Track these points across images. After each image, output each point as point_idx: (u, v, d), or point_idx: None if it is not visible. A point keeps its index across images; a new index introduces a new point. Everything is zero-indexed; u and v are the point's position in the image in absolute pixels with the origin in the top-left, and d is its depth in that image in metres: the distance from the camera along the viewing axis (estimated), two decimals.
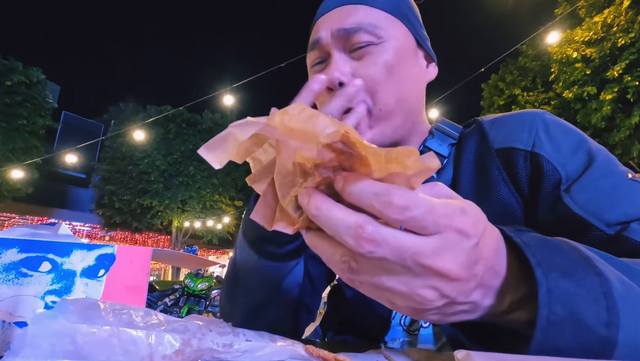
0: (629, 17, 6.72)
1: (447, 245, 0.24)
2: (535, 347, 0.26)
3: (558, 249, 0.29)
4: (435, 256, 0.24)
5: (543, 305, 0.25)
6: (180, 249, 13.66)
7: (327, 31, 0.55)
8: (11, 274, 0.44)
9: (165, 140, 13.66)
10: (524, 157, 0.51)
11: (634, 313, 0.27)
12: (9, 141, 10.41)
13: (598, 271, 0.27)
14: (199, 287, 6.09)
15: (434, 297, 0.25)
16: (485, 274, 0.27)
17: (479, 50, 29.78)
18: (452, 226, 0.24)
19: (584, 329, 0.25)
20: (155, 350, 0.31)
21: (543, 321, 0.25)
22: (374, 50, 0.53)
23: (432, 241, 0.24)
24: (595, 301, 0.26)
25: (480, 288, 0.27)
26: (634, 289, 0.28)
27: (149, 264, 0.52)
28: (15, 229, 0.53)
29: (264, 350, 0.36)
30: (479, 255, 0.26)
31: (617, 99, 6.92)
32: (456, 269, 0.24)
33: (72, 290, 0.46)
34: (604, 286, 0.27)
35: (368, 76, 0.52)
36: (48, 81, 11.95)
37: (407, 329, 0.56)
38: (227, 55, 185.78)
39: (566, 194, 0.46)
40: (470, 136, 0.59)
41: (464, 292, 0.26)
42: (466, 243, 0.24)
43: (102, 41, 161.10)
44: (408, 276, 0.24)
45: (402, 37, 0.56)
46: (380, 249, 0.23)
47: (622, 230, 0.41)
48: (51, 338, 0.29)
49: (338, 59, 0.53)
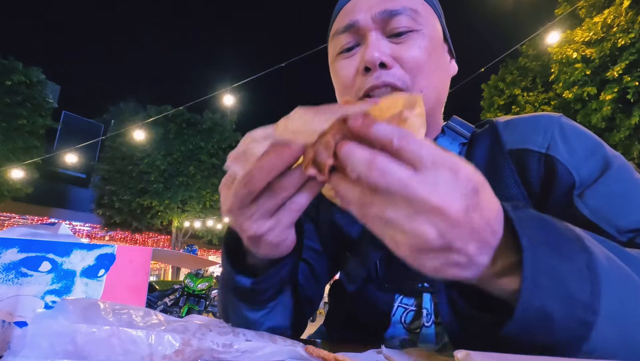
0: (629, 17, 6.72)
1: (446, 182, 0.27)
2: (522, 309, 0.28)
3: (550, 225, 0.31)
4: (435, 192, 0.26)
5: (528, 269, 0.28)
6: (180, 249, 13.66)
7: (366, 13, 0.53)
8: (11, 274, 0.44)
9: (165, 140, 13.65)
10: (538, 159, 0.51)
11: (616, 287, 0.29)
12: (9, 141, 10.41)
13: (585, 248, 0.29)
14: (199, 287, 6.10)
15: (433, 234, 0.27)
16: (481, 226, 0.28)
17: (479, 50, 29.56)
18: (451, 167, 0.27)
19: (566, 292, 0.28)
20: (155, 349, 0.31)
21: (528, 283, 0.27)
22: (414, 36, 0.52)
23: (431, 177, 0.27)
24: (579, 273, 0.28)
25: (475, 239, 0.28)
26: (621, 268, 0.30)
27: (149, 264, 0.52)
28: (15, 229, 0.53)
29: (264, 350, 0.36)
30: (476, 203, 0.28)
31: (617, 100, 6.92)
32: (452, 206, 0.26)
33: (72, 290, 0.46)
34: (588, 261, 0.29)
35: (410, 59, 0.51)
36: (48, 81, 11.94)
37: (407, 327, 0.56)
38: (228, 55, 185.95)
39: (579, 199, 0.45)
40: (483, 136, 0.58)
41: (460, 237, 0.27)
42: (466, 185, 0.27)
43: (103, 41, 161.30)
44: (410, 211, 0.27)
45: (436, 27, 0.56)
46: (385, 178, 0.26)
47: (634, 237, 0.41)
48: (51, 338, 0.29)
49: (376, 39, 0.52)
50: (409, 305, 0.57)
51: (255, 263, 0.46)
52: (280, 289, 0.49)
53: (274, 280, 0.46)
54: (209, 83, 29.93)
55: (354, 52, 0.56)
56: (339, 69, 0.57)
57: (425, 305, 0.55)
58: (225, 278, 0.48)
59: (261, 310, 0.49)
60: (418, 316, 0.56)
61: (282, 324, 0.52)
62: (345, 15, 0.56)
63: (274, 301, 0.49)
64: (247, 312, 0.48)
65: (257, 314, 0.49)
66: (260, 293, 0.46)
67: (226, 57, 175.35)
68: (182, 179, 13.57)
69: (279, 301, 0.50)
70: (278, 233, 0.38)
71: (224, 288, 0.50)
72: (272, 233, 0.37)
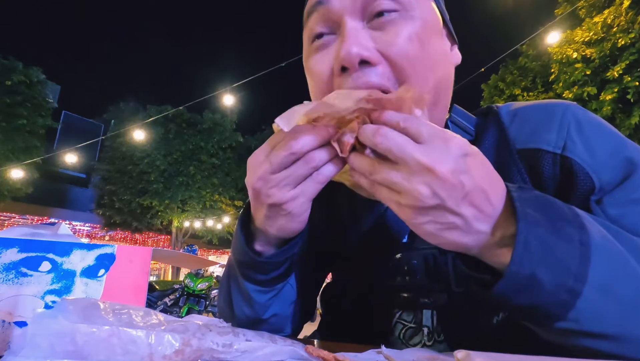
0: (629, 17, 6.72)
1: (438, 149, 0.32)
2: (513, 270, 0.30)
3: (550, 203, 0.33)
4: (426, 155, 0.31)
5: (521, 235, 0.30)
6: (180, 249, 13.66)
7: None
8: (11, 274, 0.44)
9: (165, 140, 13.65)
10: (552, 160, 0.45)
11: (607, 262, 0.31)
12: (9, 140, 10.40)
13: (581, 225, 0.32)
14: (199, 287, 6.09)
15: (427, 192, 0.31)
16: (473, 190, 0.32)
17: (479, 50, 29.83)
18: (443, 137, 0.32)
19: (557, 261, 0.30)
20: (155, 349, 0.31)
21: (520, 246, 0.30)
22: (399, 21, 0.42)
23: (426, 145, 0.32)
24: (571, 244, 0.31)
25: (469, 202, 0.32)
26: (614, 245, 0.32)
27: (149, 264, 0.52)
28: (15, 229, 0.53)
29: (264, 350, 0.36)
30: (466, 167, 0.32)
31: (617, 100, 6.92)
32: (442, 167, 0.31)
33: (72, 290, 0.46)
34: (582, 236, 0.31)
35: (395, 50, 0.41)
36: (48, 81, 11.93)
37: (407, 343, 0.52)
38: (227, 55, 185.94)
39: (597, 205, 0.41)
40: (487, 130, 0.52)
41: (452, 196, 0.31)
42: (455, 151, 0.32)
43: (103, 41, 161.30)
44: (407, 173, 0.32)
45: (430, 9, 0.46)
46: (387, 141, 0.32)
47: None
48: (51, 338, 0.29)
49: (354, 28, 0.42)
50: (408, 321, 0.53)
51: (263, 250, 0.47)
52: (288, 271, 0.50)
53: (286, 256, 0.47)
54: (209, 83, 29.88)
55: (328, 43, 0.45)
56: (312, 65, 0.47)
57: (426, 322, 0.51)
58: (238, 253, 0.48)
59: (269, 291, 0.50)
60: (417, 332, 0.52)
61: (285, 311, 0.53)
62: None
63: (282, 283, 0.50)
64: (254, 293, 0.49)
65: (264, 296, 0.50)
66: (271, 269, 0.47)
67: (226, 57, 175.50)
68: (182, 179, 13.57)
69: (286, 283, 0.51)
70: (299, 204, 0.40)
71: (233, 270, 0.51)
72: (294, 202, 0.40)
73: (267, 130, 16.37)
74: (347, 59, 0.41)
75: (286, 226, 0.43)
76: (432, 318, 0.51)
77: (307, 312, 0.61)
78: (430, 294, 0.50)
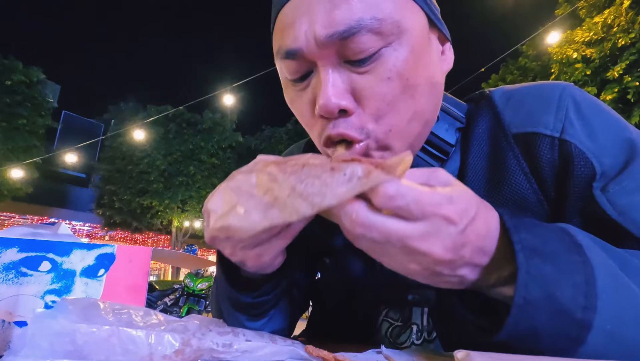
0: (629, 17, 6.71)
1: (433, 230, 0.27)
2: (512, 322, 0.28)
3: (548, 235, 0.30)
4: (422, 240, 0.27)
5: (521, 285, 0.27)
6: (180, 249, 13.66)
7: (309, 37, 0.37)
8: (11, 273, 0.44)
9: (165, 140, 13.64)
10: (550, 144, 0.42)
11: (614, 301, 0.28)
12: (9, 140, 10.40)
13: (585, 260, 0.29)
14: (198, 287, 6.09)
15: (422, 270, 0.29)
16: (472, 255, 0.29)
17: (479, 50, 29.67)
18: (438, 214, 0.27)
19: (559, 311, 0.27)
20: (155, 349, 0.31)
21: (520, 300, 0.27)
22: (382, 60, 0.38)
23: (418, 227, 0.27)
24: (575, 286, 0.27)
25: (467, 266, 0.29)
26: (621, 279, 0.30)
27: (149, 264, 0.52)
28: (15, 229, 0.53)
29: (264, 350, 0.36)
30: (465, 240, 0.28)
31: (617, 100, 6.92)
32: (441, 253, 0.27)
33: (72, 290, 0.46)
34: (587, 273, 0.28)
35: (376, 98, 0.38)
36: (48, 81, 11.96)
37: (394, 343, 0.51)
38: (228, 54, 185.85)
39: (602, 194, 0.38)
40: (480, 116, 0.49)
41: (451, 269, 0.29)
42: (452, 229, 0.27)
43: (103, 41, 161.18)
44: (398, 255, 0.28)
45: (416, 21, 0.40)
46: (369, 232, 0.27)
47: None
48: (51, 338, 0.29)
49: (330, 75, 0.38)
50: (395, 320, 0.52)
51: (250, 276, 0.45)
52: (279, 298, 0.48)
53: (273, 292, 0.46)
54: (209, 83, 29.87)
55: (306, 84, 0.42)
56: (292, 101, 0.45)
57: (415, 320, 0.50)
58: (222, 292, 0.46)
59: (262, 319, 0.48)
60: (404, 330, 0.51)
61: (281, 326, 0.52)
62: (285, 30, 0.40)
63: (274, 309, 0.49)
64: (247, 323, 0.47)
65: (257, 323, 0.48)
66: (260, 305, 0.46)
67: (226, 57, 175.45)
68: (182, 179, 13.56)
69: (278, 308, 0.49)
70: (267, 259, 0.37)
71: (221, 299, 0.48)
72: (260, 258, 0.37)
73: (267, 130, 16.38)
74: (326, 110, 0.38)
75: (261, 268, 0.40)
76: (422, 315, 0.50)
77: (303, 309, 0.61)
78: (417, 291, 0.50)
